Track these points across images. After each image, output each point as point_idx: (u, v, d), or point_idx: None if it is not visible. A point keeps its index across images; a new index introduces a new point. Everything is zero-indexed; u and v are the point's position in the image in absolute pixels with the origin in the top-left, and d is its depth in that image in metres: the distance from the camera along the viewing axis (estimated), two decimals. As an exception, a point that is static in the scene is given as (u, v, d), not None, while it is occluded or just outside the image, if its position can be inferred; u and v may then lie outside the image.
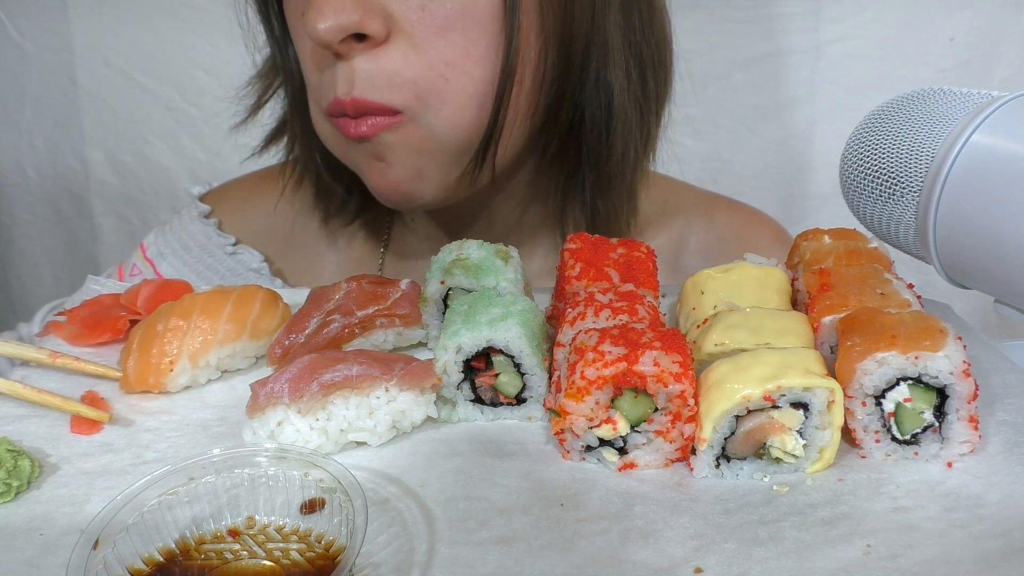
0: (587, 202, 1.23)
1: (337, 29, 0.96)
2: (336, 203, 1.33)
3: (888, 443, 0.79)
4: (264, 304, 0.98)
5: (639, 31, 1.14)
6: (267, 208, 1.40)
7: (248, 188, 1.46)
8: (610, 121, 1.14)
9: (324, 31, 0.96)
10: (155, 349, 0.91)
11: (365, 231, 1.39)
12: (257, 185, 1.44)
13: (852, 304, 0.86)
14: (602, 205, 1.22)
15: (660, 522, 0.72)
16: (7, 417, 0.87)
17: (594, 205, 1.22)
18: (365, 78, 1.01)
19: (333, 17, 0.95)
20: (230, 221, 1.42)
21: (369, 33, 0.98)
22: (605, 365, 0.76)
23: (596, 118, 1.13)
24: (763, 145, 1.99)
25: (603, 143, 1.15)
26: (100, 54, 2.05)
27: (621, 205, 1.24)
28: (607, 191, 1.21)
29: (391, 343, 0.98)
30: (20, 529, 0.72)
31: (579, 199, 1.23)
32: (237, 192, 1.46)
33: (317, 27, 0.96)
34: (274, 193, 1.38)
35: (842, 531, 0.70)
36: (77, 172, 2.16)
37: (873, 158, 0.95)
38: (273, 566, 0.68)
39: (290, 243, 1.41)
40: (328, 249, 1.41)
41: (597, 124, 1.14)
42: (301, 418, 0.80)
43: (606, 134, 1.15)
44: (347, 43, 0.99)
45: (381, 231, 1.39)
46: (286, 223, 1.40)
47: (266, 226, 1.41)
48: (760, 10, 1.88)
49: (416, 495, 0.76)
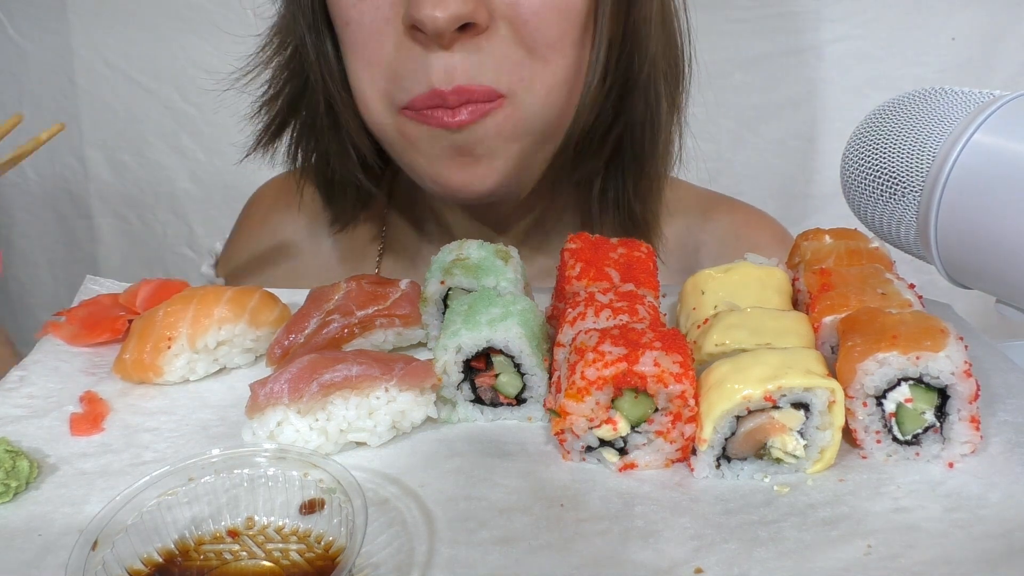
0: (624, 212, 1.24)
1: (454, 18, 0.95)
2: (348, 203, 1.32)
3: (889, 443, 0.79)
4: (263, 298, 0.99)
5: (673, 38, 1.17)
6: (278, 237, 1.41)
7: (250, 239, 1.46)
8: (656, 123, 1.16)
9: (444, 20, 0.94)
10: (154, 331, 0.92)
11: (362, 231, 1.38)
12: (257, 229, 1.45)
13: (853, 304, 0.86)
14: (640, 208, 1.24)
15: (660, 522, 0.72)
16: (6, 418, 0.87)
17: (631, 214, 1.24)
18: (469, 66, 1.00)
19: (454, 4, 0.94)
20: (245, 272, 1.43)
21: (477, 22, 0.98)
22: (605, 365, 0.76)
23: (642, 124, 1.16)
24: (763, 145, 1.99)
25: (648, 148, 1.18)
26: (99, 54, 2.05)
27: (657, 209, 1.26)
28: (645, 198, 1.23)
29: (391, 343, 0.98)
30: (19, 530, 0.72)
31: (612, 204, 1.24)
32: (243, 251, 1.46)
33: (436, 15, 0.94)
34: (272, 223, 1.39)
35: (843, 531, 0.70)
36: (76, 172, 2.16)
37: (874, 158, 0.94)
38: (273, 567, 0.68)
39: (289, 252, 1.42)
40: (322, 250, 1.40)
41: (642, 129, 1.16)
42: (301, 418, 0.80)
43: (652, 135, 1.17)
44: (453, 33, 0.98)
45: (378, 230, 1.39)
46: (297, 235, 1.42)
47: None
48: (760, 10, 1.88)
49: (416, 495, 0.76)
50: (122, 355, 0.93)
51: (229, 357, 0.96)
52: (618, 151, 1.19)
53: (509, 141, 1.08)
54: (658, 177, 1.23)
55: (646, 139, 1.17)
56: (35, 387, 0.92)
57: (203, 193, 2.15)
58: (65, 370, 0.96)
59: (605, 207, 1.25)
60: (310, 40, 1.13)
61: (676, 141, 1.24)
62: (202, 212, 2.18)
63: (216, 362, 0.95)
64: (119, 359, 0.93)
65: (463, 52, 1.00)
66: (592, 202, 1.25)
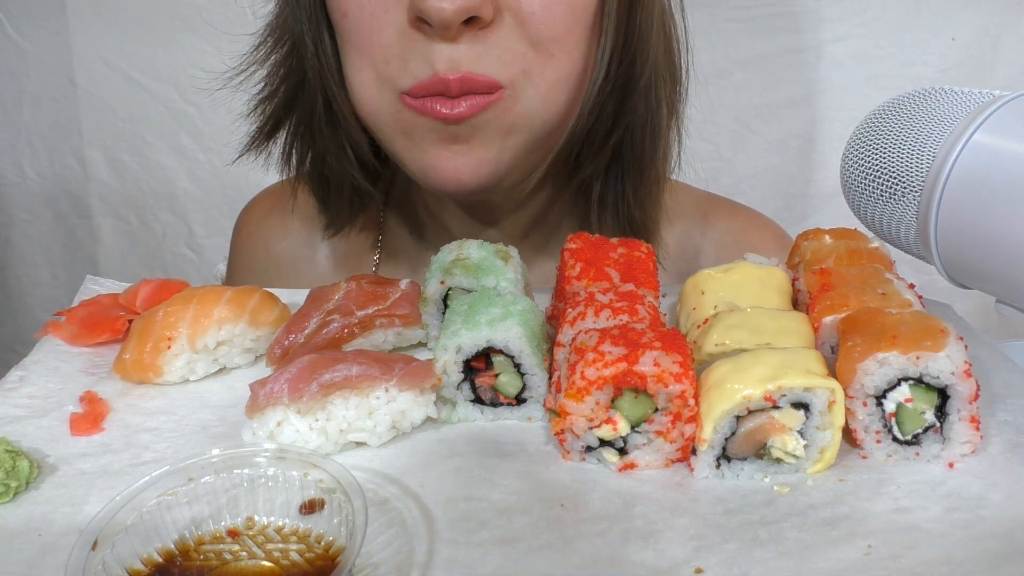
0: (623, 216, 1.24)
1: (462, 11, 0.95)
2: (344, 205, 1.31)
3: (889, 443, 0.79)
4: (263, 298, 0.99)
5: (672, 43, 1.17)
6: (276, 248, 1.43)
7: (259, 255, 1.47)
8: (656, 128, 1.17)
9: (452, 11, 0.95)
10: (154, 331, 0.92)
11: (358, 239, 1.38)
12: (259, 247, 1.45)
13: (853, 304, 0.86)
14: (639, 213, 1.24)
15: (660, 522, 0.72)
16: (6, 418, 0.87)
17: (631, 218, 1.24)
18: (473, 56, 1.00)
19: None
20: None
21: (482, 16, 0.98)
22: (605, 365, 0.76)
23: (642, 127, 1.16)
24: (763, 145, 1.99)
25: (648, 151, 1.18)
26: (99, 54, 2.05)
27: (656, 214, 1.26)
28: (644, 202, 1.23)
29: (391, 343, 0.98)
30: (19, 530, 0.72)
31: (611, 209, 1.24)
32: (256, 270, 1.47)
33: (443, 7, 0.94)
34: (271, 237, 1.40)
35: (843, 532, 0.70)
36: (76, 172, 2.16)
37: (874, 158, 0.94)
38: (272, 567, 0.68)
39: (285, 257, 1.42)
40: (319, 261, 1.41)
41: (642, 132, 1.16)
42: (301, 418, 0.80)
43: (652, 139, 1.17)
44: (459, 26, 0.98)
45: (375, 238, 1.38)
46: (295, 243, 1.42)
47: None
48: (760, 10, 1.88)
49: (416, 495, 0.76)
50: (122, 355, 0.93)
51: (229, 357, 0.96)
52: (618, 155, 1.19)
53: (505, 134, 1.07)
54: (657, 182, 1.23)
55: (646, 143, 1.18)
56: (35, 387, 0.92)
57: (203, 193, 2.15)
58: (65, 370, 0.96)
59: (604, 212, 1.25)
60: (308, 33, 1.12)
61: (675, 146, 1.24)
62: (202, 212, 2.18)
63: (216, 362, 0.95)
64: (119, 359, 0.93)
65: (467, 43, 1.00)
66: (591, 207, 1.25)
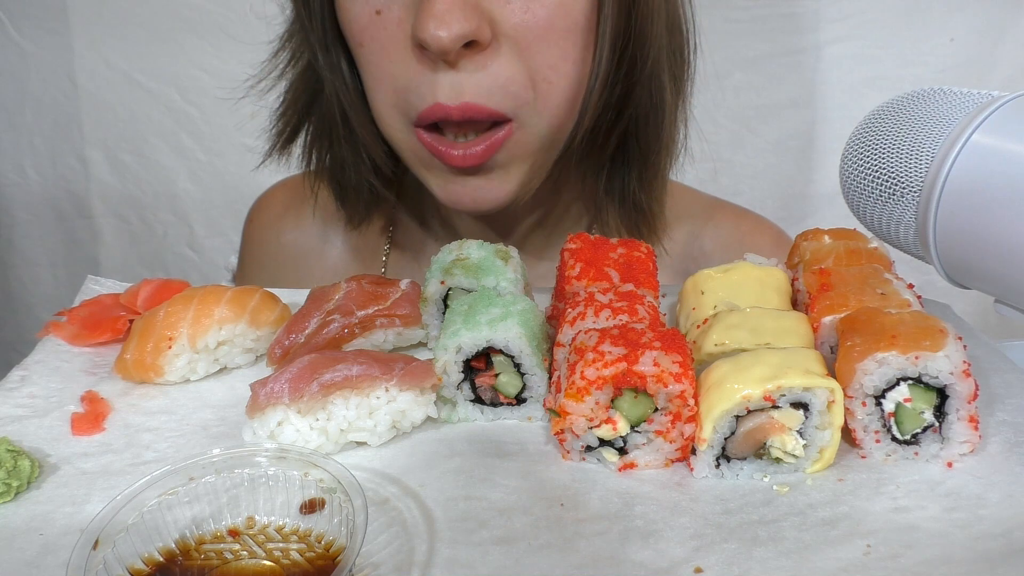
0: (628, 203, 1.25)
1: (459, 38, 0.96)
2: (361, 205, 1.33)
3: (888, 443, 0.79)
4: (263, 298, 0.99)
5: (677, 27, 1.18)
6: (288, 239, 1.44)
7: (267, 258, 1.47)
8: (659, 119, 1.17)
9: (448, 39, 0.95)
10: (155, 331, 0.92)
11: (371, 228, 1.39)
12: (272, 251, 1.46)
13: (852, 304, 0.86)
14: (646, 202, 1.25)
15: (660, 522, 0.72)
16: (7, 417, 0.87)
17: (636, 205, 1.25)
18: (474, 84, 1.01)
19: (457, 24, 0.95)
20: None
21: (480, 40, 0.98)
22: (605, 365, 0.76)
23: (646, 116, 1.17)
24: (763, 145, 1.99)
25: (652, 140, 1.19)
26: (100, 54, 2.05)
27: (661, 206, 1.27)
28: (650, 189, 1.24)
29: (391, 343, 0.98)
30: (20, 529, 0.72)
31: (617, 195, 1.25)
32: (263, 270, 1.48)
33: (440, 34, 0.95)
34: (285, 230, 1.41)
35: (842, 531, 0.70)
36: (77, 172, 2.16)
37: (873, 158, 0.94)
38: (273, 566, 0.68)
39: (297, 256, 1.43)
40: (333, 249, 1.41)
41: (646, 122, 1.17)
42: (301, 418, 0.80)
43: (656, 131, 1.18)
44: (458, 51, 0.99)
45: (386, 225, 1.40)
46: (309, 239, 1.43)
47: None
48: (760, 10, 1.88)
49: (416, 495, 0.76)
50: (123, 355, 0.93)
51: (230, 357, 0.96)
52: (623, 144, 1.20)
53: (521, 160, 1.10)
54: (663, 167, 1.24)
55: (651, 130, 1.18)
56: (36, 387, 0.92)
57: (203, 193, 2.16)
58: (66, 370, 0.96)
59: (611, 198, 1.26)
60: (323, 57, 1.14)
61: (681, 131, 1.25)
62: (202, 212, 2.18)
63: (217, 362, 0.95)
64: (120, 359, 0.93)
65: (468, 70, 1.01)
66: (598, 194, 1.26)
